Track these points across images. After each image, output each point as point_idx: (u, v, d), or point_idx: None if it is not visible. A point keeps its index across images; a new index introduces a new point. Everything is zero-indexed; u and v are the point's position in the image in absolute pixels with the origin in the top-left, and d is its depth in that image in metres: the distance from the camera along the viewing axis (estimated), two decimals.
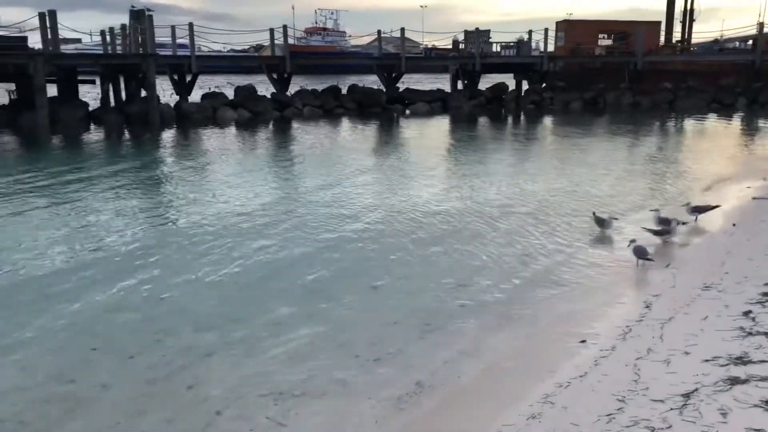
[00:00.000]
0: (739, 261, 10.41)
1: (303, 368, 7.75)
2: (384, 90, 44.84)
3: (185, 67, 38.42)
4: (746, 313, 7.97)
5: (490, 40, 52.67)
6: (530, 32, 50.30)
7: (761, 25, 48.37)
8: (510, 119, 42.34)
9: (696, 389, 6.07)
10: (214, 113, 37.91)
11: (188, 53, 38.78)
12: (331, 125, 37.21)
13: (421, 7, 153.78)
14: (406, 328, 8.88)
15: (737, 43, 64.42)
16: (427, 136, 33.28)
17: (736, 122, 38.86)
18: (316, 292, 10.25)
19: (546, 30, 48.39)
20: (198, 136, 32.01)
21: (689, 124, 38.44)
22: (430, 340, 8.50)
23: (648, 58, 49.15)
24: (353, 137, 32.80)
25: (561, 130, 35.01)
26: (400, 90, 45.51)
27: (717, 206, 14.15)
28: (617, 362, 7.16)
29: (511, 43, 53.02)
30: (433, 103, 44.50)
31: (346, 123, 38.59)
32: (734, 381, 6.14)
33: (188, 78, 38.89)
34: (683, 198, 15.99)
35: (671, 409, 5.77)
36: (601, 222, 13.42)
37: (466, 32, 50.37)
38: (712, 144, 28.97)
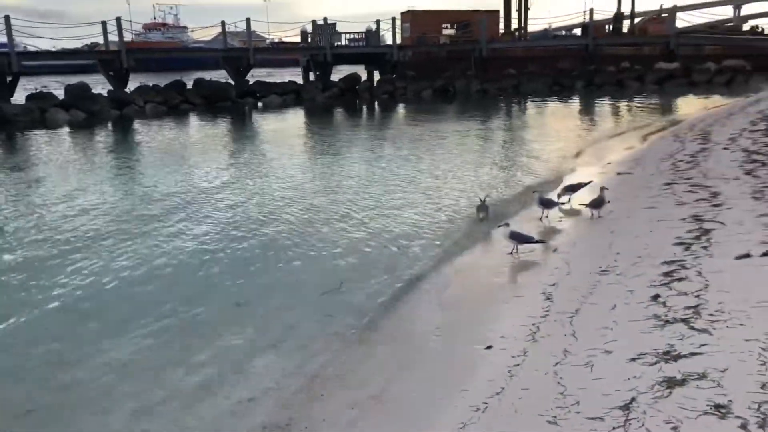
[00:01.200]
0: (627, 240, 10.00)
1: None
2: (233, 83, 42.44)
3: (4, 66, 33.93)
4: (654, 298, 7.36)
5: (338, 31, 51.69)
6: (378, 22, 50.07)
7: (591, 11, 51.26)
8: (366, 109, 41.67)
9: (633, 398, 5.21)
10: (42, 115, 33.87)
11: (7, 50, 34.33)
12: (177, 122, 34.48)
13: (264, 1, 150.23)
14: (276, 355, 7.51)
15: (563, 32, 68.26)
16: (283, 129, 31.71)
17: (578, 103, 40.68)
18: (170, 317, 8.54)
19: (393, 19, 48.23)
20: (22, 141, 28.21)
21: (537, 106, 39.72)
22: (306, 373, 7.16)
23: (492, 45, 50.43)
24: (201, 134, 30.49)
25: (417, 117, 34.70)
26: (251, 83, 43.31)
27: (589, 182, 13.93)
28: (534, 371, 6.20)
29: (360, 34, 52.33)
30: (286, 96, 42.82)
31: (193, 119, 35.99)
32: (671, 383, 5.34)
33: (8, 78, 34.42)
34: (551, 175, 15.74)
35: (614, 429, 4.82)
36: (484, 209, 12.71)
37: (314, 23, 49.03)
38: (565, 124, 29.90)
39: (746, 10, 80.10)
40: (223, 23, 43.24)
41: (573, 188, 13.61)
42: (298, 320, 8.52)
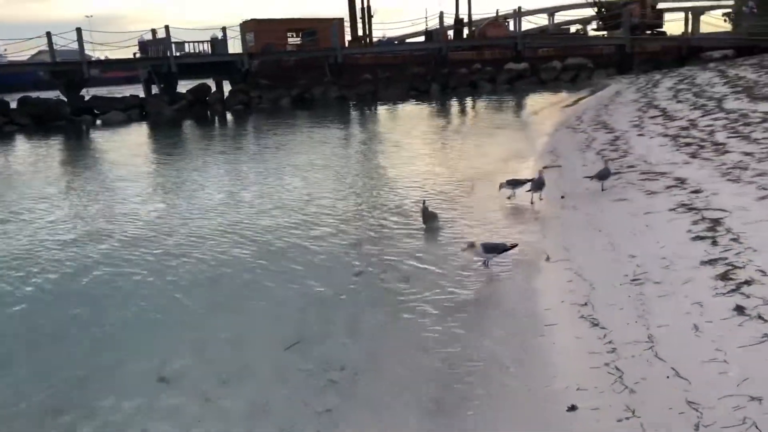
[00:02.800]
0: (628, 239, 8.56)
1: None
2: (66, 100, 37.27)
3: None
4: (739, 310, 5.70)
5: (182, 40, 47.54)
6: (224, 29, 46.58)
7: (441, 15, 51.47)
8: (220, 121, 38.22)
9: None
10: None
11: None
12: (1, 146, 29.27)
13: (87, 17, 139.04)
14: None
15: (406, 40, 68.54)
16: (128, 147, 27.62)
17: (441, 104, 40.04)
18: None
19: (241, 25, 45.19)
20: None
21: (403, 109, 38.56)
22: None
23: (346, 52, 48.97)
24: (29, 158, 25.84)
25: (280, 127, 31.98)
26: (87, 99, 38.33)
27: (530, 180, 12.41)
28: None
29: (204, 43, 48.52)
30: (129, 111, 38.32)
31: (21, 141, 30.82)
32: None
33: None
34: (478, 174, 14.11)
35: None
36: (432, 217, 10.70)
37: (154, 32, 44.77)
38: (445, 125, 28.75)
39: (558, 17, 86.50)
40: (48, 34, 37.68)
41: (516, 183, 12.07)
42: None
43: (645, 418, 4.60)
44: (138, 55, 46.98)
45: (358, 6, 59.11)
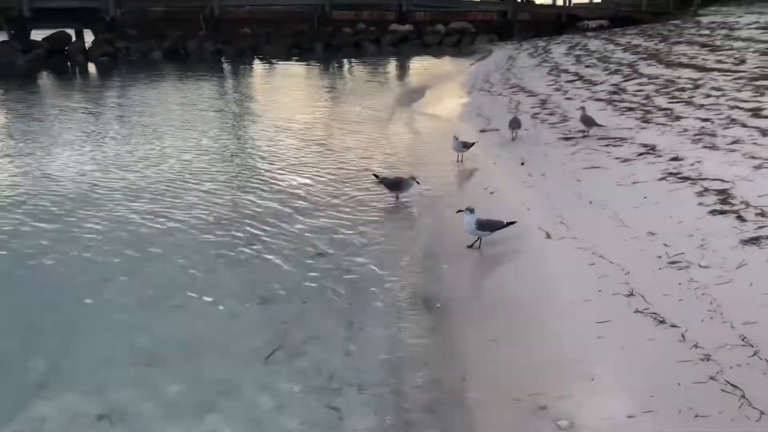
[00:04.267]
0: (631, 211, 7.57)
1: None
2: None
3: None
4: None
5: None
6: None
7: None
8: (81, 74, 33.98)
9: None
10: None
11: None
12: None
13: None
14: None
15: None
16: None
17: (326, 64, 38.07)
18: None
19: None
20: None
21: (285, 69, 36.17)
22: None
23: (223, 3, 45.47)
24: None
25: (154, 82, 28.70)
26: None
27: (476, 142, 11.42)
28: None
29: None
30: None
31: None
32: None
33: None
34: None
35: None
36: (396, 185, 9.24)
37: None
38: (346, 85, 26.98)
39: None
40: None
41: (466, 145, 10.97)
42: None
43: None
44: None
45: None
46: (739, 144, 9.23)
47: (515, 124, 12.55)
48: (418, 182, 9.41)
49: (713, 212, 6.94)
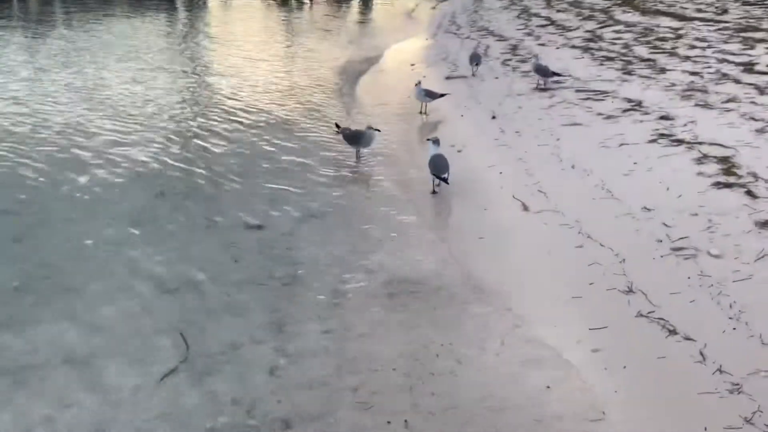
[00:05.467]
0: (621, 179, 6.46)
1: None
2: None
3: None
4: None
5: None
6: None
7: None
8: (22, 2, 31.00)
9: None
10: None
11: None
12: None
13: None
14: None
15: None
16: None
17: None
18: None
19: None
20: None
21: (246, 1, 33.81)
22: None
23: None
24: None
25: (99, 14, 26.33)
26: None
27: (446, 94, 10.14)
28: None
29: None
30: None
31: None
32: None
33: None
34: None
35: None
36: (356, 137, 8.02)
37: None
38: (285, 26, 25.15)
39: None
40: None
41: (431, 95, 9.80)
42: None
43: None
44: None
45: None
46: (735, 103, 8.22)
47: (476, 59, 12.25)
48: (378, 130, 8.17)
49: (717, 185, 5.94)
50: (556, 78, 10.63)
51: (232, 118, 10.14)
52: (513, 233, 5.84)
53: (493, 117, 9.33)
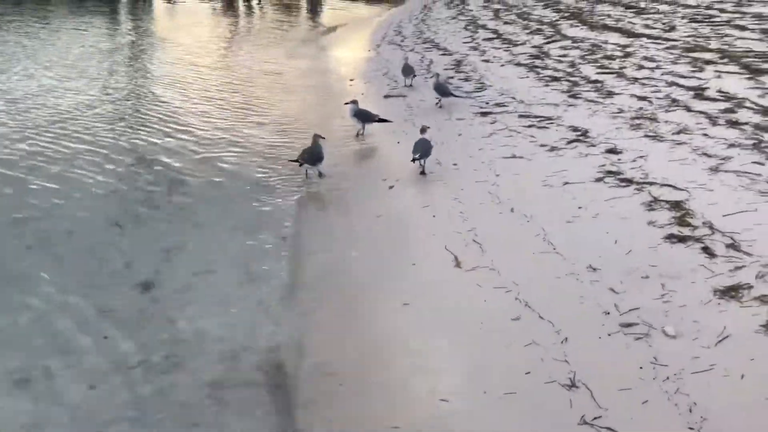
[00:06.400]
0: (549, 225, 5.69)
1: None
2: None
3: None
4: None
5: None
6: None
7: None
8: None
9: None
10: None
11: None
12: None
13: None
14: None
15: None
16: None
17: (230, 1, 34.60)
18: None
19: None
20: None
21: (191, 5, 32.53)
22: None
23: None
24: None
25: (34, 17, 24.76)
26: None
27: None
28: None
29: None
30: None
31: None
32: None
33: None
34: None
35: None
36: (314, 154, 7.33)
37: None
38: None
39: None
40: None
41: (366, 117, 9.60)
42: None
43: None
44: None
45: None
46: (686, 135, 7.65)
47: (409, 71, 11.86)
48: (323, 137, 8.07)
49: (670, 238, 5.28)
50: (454, 98, 10.37)
51: (152, 138, 9.19)
52: (442, 298, 5.05)
53: (422, 173, 8.55)
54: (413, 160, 7.39)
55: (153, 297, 5.40)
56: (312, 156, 7.78)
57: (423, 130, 7.84)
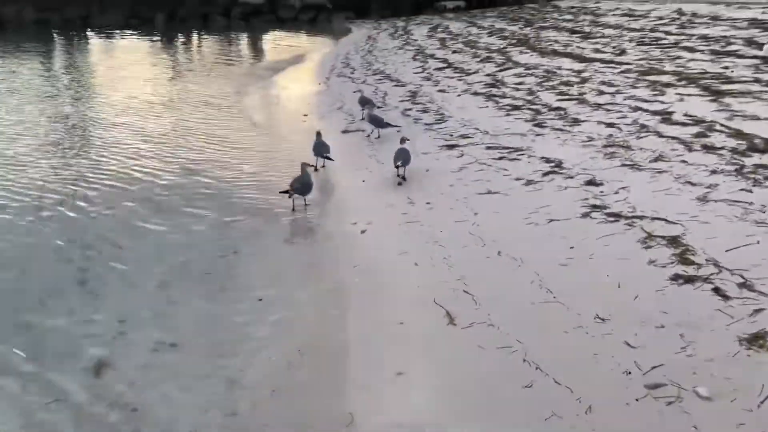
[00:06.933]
0: (542, 268, 5.24)
1: None
2: None
3: None
4: None
5: None
6: None
7: None
8: None
9: None
10: None
11: None
12: None
13: None
14: None
15: None
16: None
17: (168, 39, 33.76)
18: None
19: None
20: None
21: (128, 42, 31.56)
22: None
23: None
24: None
25: None
26: None
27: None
28: None
29: None
30: None
31: None
32: None
33: None
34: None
35: None
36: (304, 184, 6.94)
37: None
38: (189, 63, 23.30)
39: None
40: None
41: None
42: None
43: None
44: None
45: None
46: (664, 162, 7.39)
47: (365, 101, 11.70)
48: (311, 165, 8.22)
49: (676, 279, 4.89)
50: (390, 128, 10.31)
51: (102, 183, 8.45)
52: (440, 364, 4.50)
53: (399, 183, 8.09)
54: (396, 167, 8.09)
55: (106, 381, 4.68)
56: (303, 186, 7.63)
57: (403, 141, 8.45)
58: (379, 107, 11.77)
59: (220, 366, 4.76)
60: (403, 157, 8.13)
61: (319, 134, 9.30)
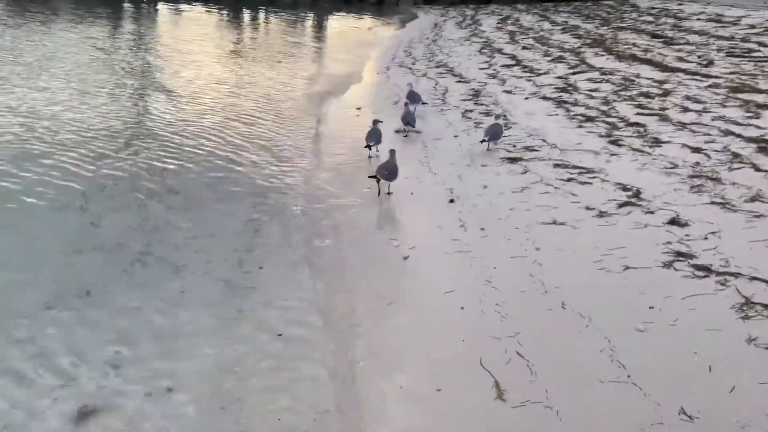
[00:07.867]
0: (613, 332, 4.32)
1: None
2: None
3: None
4: None
5: None
6: None
7: None
8: None
9: None
10: None
11: None
12: None
13: None
14: None
15: None
16: None
17: (235, 14, 33.40)
18: None
19: None
20: None
21: (195, 16, 31.35)
22: None
23: None
24: None
25: (41, 22, 23.55)
26: None
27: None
28: None
29: None
30: None
31: None
32: None
33: None
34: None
35: None
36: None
37: None
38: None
39: None
40: None
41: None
42: None
43: None
44: None
45: None
46: (764, 204, 6.32)
47: (413, 97, 10.97)
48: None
49: None
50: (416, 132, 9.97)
51: (159, 162, 7.89)
52: None
53: (451, 200, 7.25)
54: (483, 140, 8.70)
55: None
56: (390, 172, 7.43)
57: (498, 117, 9.48)
58: (425, 104, 11.00)
59: None
60: (493, 131, 8.65)
61: (375, 122, 9.21)
